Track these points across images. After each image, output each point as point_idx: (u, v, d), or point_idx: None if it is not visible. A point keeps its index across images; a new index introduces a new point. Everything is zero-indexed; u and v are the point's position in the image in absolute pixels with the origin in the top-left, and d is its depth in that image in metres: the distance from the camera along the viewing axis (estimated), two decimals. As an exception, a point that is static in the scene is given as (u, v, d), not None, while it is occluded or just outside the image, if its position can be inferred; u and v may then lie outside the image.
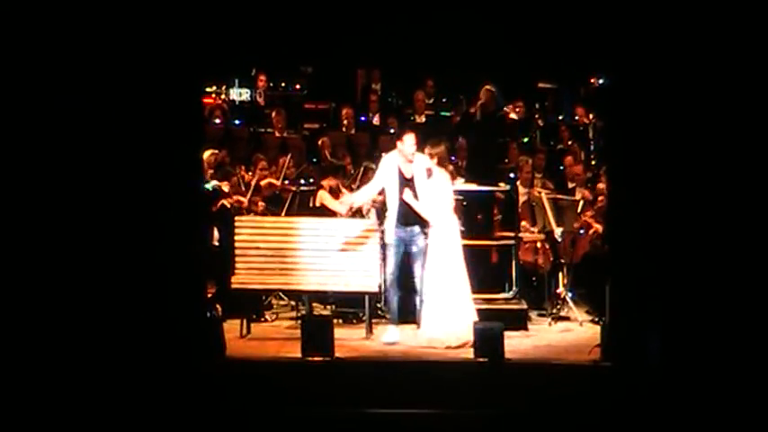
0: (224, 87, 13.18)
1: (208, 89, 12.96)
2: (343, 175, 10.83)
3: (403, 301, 9.57)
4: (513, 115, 11.57)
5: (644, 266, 7.87)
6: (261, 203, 10.72)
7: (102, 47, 7.89)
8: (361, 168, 10.92)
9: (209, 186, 10.81)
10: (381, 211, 9.90)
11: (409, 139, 9.42)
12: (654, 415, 7.40)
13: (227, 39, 11.83)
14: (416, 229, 9.44)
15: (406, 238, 9.46)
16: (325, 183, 10.56)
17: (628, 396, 7.54)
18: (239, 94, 12.82)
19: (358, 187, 10.36)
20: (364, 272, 9.60)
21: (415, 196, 9.39)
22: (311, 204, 10.48)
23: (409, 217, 9.42)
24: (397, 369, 8.48)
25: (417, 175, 9.46)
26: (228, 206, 10.30)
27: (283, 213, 10.63)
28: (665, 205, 7.82)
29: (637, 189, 7.96)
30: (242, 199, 10.54)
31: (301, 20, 11.98)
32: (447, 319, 9.21)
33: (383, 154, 10.55)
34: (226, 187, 10.47)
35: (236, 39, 12.04)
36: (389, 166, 9.50)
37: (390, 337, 9.41)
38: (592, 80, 12.90)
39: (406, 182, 9.43)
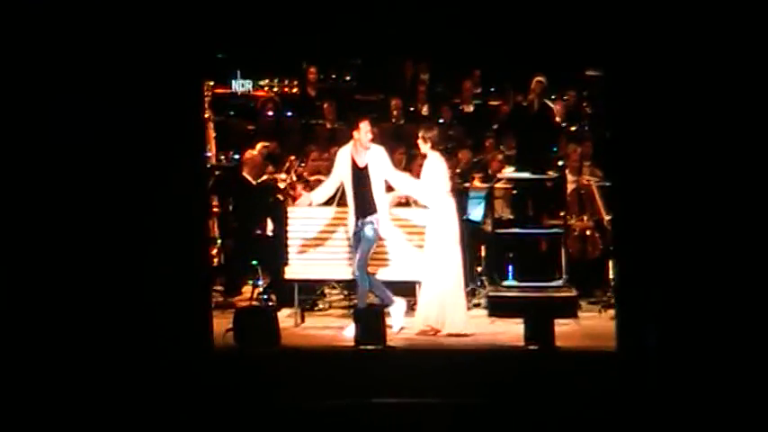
0: (261, 81, 13.29)
1: (260, 82, 13.16)
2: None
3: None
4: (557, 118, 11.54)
5: (644, 262, 7.82)
6: (300, 191, 10.84)
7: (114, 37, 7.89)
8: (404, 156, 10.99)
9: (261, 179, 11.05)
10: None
11: (365, 127, 9.46)
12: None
13: (273, 33, 12.03)
14: (367, 219, 9.42)
15: (361, 229, 9.48)
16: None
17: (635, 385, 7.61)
18: (241, 85, 12.93)
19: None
20: (412, 260, 9.76)
21: (369, 184, 9.40)
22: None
23: (364, 208, 9.42)
24: (448, 358, 8.60)
25: (372, 163, 9.45)
26: (282, 199, 10.47)
27: (335, 203, 10.76)
28: (667, 203, 7.77)
29: (636, 177, 7.87)
30: (291, 193, 10.69)
31: (350, 12, 12.11)
32: (442, 305, 9.34)
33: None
34: (282, 184, 10.63)
35: (284, 33, 12.24)
36: (343, 159, 9.53)
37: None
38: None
39: (360, 171, 9.45)
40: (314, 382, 7.91)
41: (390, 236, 9.71)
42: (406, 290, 9.75)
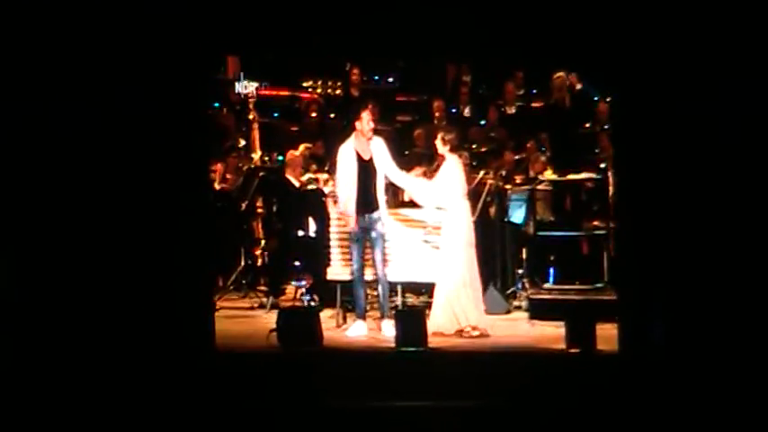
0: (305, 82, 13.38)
1: (304, 84, 13.28)
2: (429, 163, 10.97)
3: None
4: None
5: (648, 257, 7.86)
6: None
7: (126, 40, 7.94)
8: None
9: (304, 179, 11.16)
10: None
11: (366, 116, 9.46)
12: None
13: (316, 34, 12.08)
14: (375, 215, 9.41)
15: (366, 226, 9.46)
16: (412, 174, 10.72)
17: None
18: (244, 86, 13.02)
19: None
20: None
21: (375, 177, 9.40)
22: (401, 198, 10.64)
23: (368, 204, 9.40)
24: (488, 360, 8.64)
25: (376, 155, 9.44)
26: (324, 200, 10.54)
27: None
28: (670, 195, 7.79)
29: (642, 177, 7.91)
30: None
31: (393, 12, 12.15)
32: (455, 306, 9.38)
33: (473, 146, 10.72)
34: (326, 187, 10.69)
35: (326, 34, 12.28)
36: (346, 154, 9.48)
37: (356, 331, 9.48)
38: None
39: (365, 164, 9.43)
40: (356, 382, 7.97)
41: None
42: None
